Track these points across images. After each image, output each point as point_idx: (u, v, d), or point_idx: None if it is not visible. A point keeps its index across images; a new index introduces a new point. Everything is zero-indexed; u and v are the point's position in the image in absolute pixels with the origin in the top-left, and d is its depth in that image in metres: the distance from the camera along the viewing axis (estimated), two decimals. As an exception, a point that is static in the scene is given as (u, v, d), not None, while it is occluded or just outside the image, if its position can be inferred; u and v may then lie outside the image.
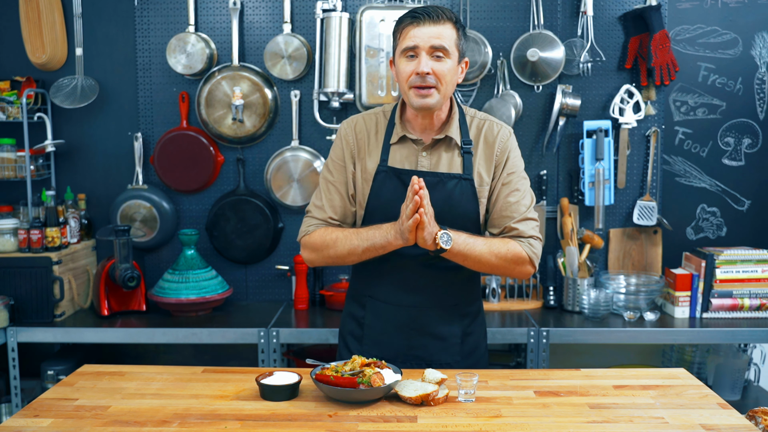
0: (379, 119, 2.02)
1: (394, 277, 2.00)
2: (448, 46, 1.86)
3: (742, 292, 2.95)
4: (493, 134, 1.98)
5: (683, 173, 3.22)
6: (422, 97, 1.86)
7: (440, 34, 1.85)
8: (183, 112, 3.17)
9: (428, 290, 2.00)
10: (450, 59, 1.87)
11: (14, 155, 3.07)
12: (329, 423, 1.61)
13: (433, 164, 1.96)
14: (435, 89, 1.86)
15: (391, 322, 2.02)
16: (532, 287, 3.13)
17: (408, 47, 1.86)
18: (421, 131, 1.97)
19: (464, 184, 1.94)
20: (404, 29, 1.88)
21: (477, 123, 2.00)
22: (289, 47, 3.08)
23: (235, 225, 3.15)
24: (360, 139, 2.01)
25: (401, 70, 1.89)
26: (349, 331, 2.12)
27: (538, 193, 3.18)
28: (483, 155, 1.97)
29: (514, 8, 3.12)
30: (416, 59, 1.86)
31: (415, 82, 1.85)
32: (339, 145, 2.03)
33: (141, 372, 1.96)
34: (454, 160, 1.96)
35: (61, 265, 2.93)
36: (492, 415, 1.65)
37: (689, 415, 1.66)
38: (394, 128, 1.98)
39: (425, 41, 1.84)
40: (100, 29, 3.18)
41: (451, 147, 1.97)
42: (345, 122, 2.05)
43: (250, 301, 3.29)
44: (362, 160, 1.99)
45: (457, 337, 2.04)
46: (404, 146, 1.97)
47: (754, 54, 3.15)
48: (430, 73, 1.84)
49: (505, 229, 1.96)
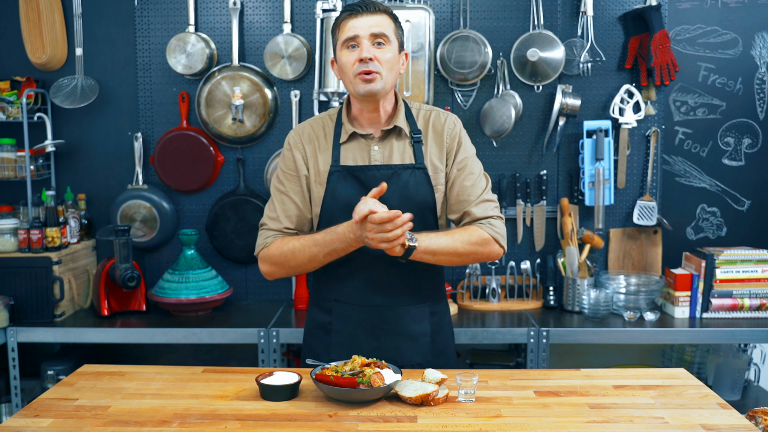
0: (326, 122, 2.03)
1: (360, 276, 1.97)
2: (387, 33, 1.89)
3: (742, 292, 2.95)
4: (441, 122, 2.01)
5: (683, 173, 3.22)
6: (367, 83, 1.87)
7: (378, 23, 1.89)
8: (183, 112, 3.17)
9: (397, 287, 1.97)
10: (390, 46, 1.90)
11: (14, 155, 3.07)
12: (329, 423, 1.61)
13: (386, 157, 1.96)
14: (378, 74, 1.88)
15: (360, 324, 1.99)
16: (532, 287, 3.13)
17: (349, 37, 1.88)
18: (369, 125, 1.98)
19: (418, 173, 1.96)
20: (342, 22, 1.91)
21: (423, 114, 2.03)
22: (289, 47, 3.08)
23: (235, 225, 3.15)
24: (309, 144, 2.01)
25: (344, 61, 1.90)
26: (315, 339, 2.07)
27: (538, 193, 3.19)
28: (434, 144, 1.99)
29: (514, 8, 3.12)
30: (358, 48, 1.88)
31: (358, 69, 1.87)
32: (288, 154, 2.02)
33: (141, 372, 1.96)
34: (405, 151, 1.97)
35: (61, 265, 2.93)
36: (492, 415, 1.65)
37: (689, 415, 1.66)
38: (342, 127, 1.99)
39: (365, 29, 1.87)
40: (100, 29, 3.18)
41: (401, 137, 1.98)
42: (292, 131, 2.06)
43: (250, 301, 3.29)
44: (314, 164, 1.99)
45: (428, 335, 2.03)
46: (355, 144, 1.98)
47: (754, 54, 3.15)
48: (372, 59, 1.86)
49: (464, 213, 1.97)
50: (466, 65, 3.04)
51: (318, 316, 2.07)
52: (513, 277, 3.14)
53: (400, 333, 2.00)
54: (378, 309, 1.98)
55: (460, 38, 3.04)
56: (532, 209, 3.19)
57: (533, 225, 3.19)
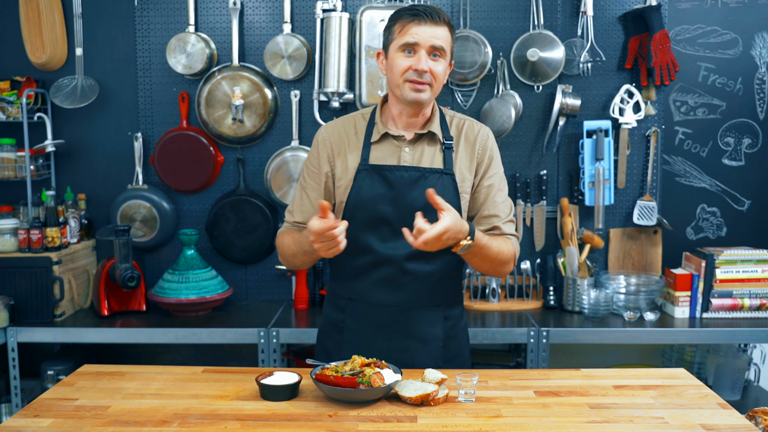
0: (358, 121, 2.04)
1: (375, 275, 1.98)
2: (445, 47, 1.90)
3: (742, 292, 2.95)
4: (473, 133, 2.02)
5: (683, 173, 3.22)
6: (417, 92, 1.89)
7: (439, 35, 1.88)
8: (183, 112, 3.17)
9: (410, 289, 1.98)
10: (444, 60, 1.91)
11: (14, 155, 3.07)
12: (329, 423, 1.61)
13: (416, 159, 1.97)
14: (429, 86, 1.89)
15: (372, 323, 2.00)
16: (532, 287, 3.13)
17: (408, 43, 1.87)
18: (404, 128, 1.99)
19: (446, 179, 1.96)
20: (405, 25, 1.89)
21: (457, 122, 2.04)
22: (289, 47, 3.08)
23: (235, 225, 3.15)
24: (337, 141, 2.01)
25: (397, 63, 1.90)
26: (327, 338, 2.10)
27: (538, 193, 3.19)
28: (464, 152, 2.00)
29: (514, 8, 3.12)
30: (414, 55, 1.88)
31: (411, 76, 1.88)
32: (315, 150, 2.04)
33: (141, 372, 1.96)
34: (435, 156, 1.98)
35: (61, 265, 2.93)
36: (492, 415, 1.65)
37: (689, 415, 1.66)
38: (375, 127, 2.00)
39: (426, 40, 1.87)
40: (100, 29, 3.18)
41: (433, 143, 1.99)
42: (323, 127, 2.07)
43: (250, 301, 3.29)
44: (342, 161, 1.99)
45: (440, 340, 2.03)
46: (385, 144, 1.98)
47: (754, 54, 3.15)
48: (427, 71, 1.87)
49: (494, 228, 1.99)
50: (466, 65, 3.05)
51: (332, 314, 2.09)
52: (513, 277, 3.14)
53: (411, 335, 2.00)
54: (390, 309, 1.99)
55: (460, 38, 3.04)
56: (532, 209, 3.19)
57: (533, 225, 3.19)
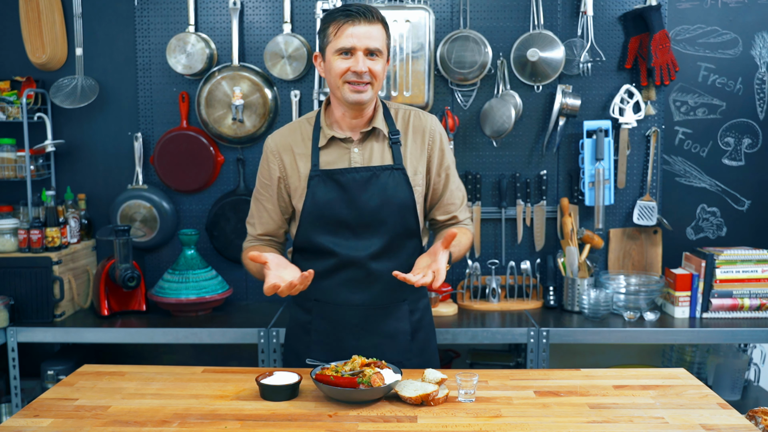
0: (303, 127, 2.05)
1: (340, 277, 2.00)
2: (381, 47, 1.91)
3: (742, 292, 2.95)
4: (421, 123, 2.04)
5: (683, 173, 3.22)
6: (358, 93, 1.90)
7: (373, 34, 1.89)
8: (183, 112, 3.17)
9: (376, 288, 2.00)
10: (381, 58, 1.92)
11: (14, 155, 3.07)
12: (329, 423, 1.61)
13: (366, 159, 1.98)
14: (370, 85, 1.91)
15: (339, 323, 2.03)
16: (532, 287, 3.13)
17: (344, 47, 1.88)
18: (349, 129, 2.00)
19: (397, 174, 1.98)
20: (340, 27, 1.89)
21: (402, 114, 2.05)
22: (289, 47, 3.08)
23: (235, 225, 3.15)
24: (286, 150, 2.02)
25: (335, 66, 1.91)
26: (296, 340, 2.11)
27: (538, 193, 3.19)
28: (413, 144, 2.02)
29: (514, 8, 3.12)
30: (351, 57, 1.89)
31: (350, 78, 1.89)
32: (264, 162, 2.06)
33: (141, 372, 1.96)
34: (385, 152, 2.00)
35: (61, 265, 2.93)
36: (492, 415, 1.65)
37: (689, 415, 1.66)
38: (321, 131, 2.00)
39: (362, 42, 1.88)
40: (100, 29, 3.18)
41: (381, 139, 2.01)
42: (269, 137, 2.08)
43: (250, 301, 3.29)
44: (293, 168, 2.01)
45: (407, 333, 2.06)
46: (334, 148, 2.00)
47: (754, 54, 3.15)
48: (366, 72, 1.89)
49: (452, 218, 2.10)
50: (466, 65, 3.04)
51: (298, 316, 2.11)
52: (513, 277, 3.14)
53: (379, 332, 2.03)
54: (357, 308, 2.01)
55: (460, 38, 3.04)
56: (532, 209, 3.19)
57: (533, 225, 3.19)
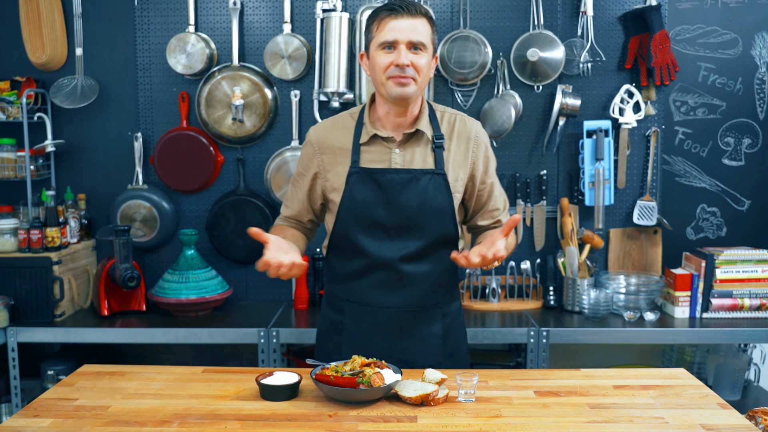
0: (346, 121, 2.02)
1: (371, 278, 1.98)
2: (425, 41, 1.87)
3: (742, 292, 2.95)
4: (466, 129, 2.01)
5: (683, 173, 3.22)
6: (401, 86, 1.86)
7: (418, 29, 1.86)
8: (183, 112, 3.17)
9: (407, 291, 1.98)
10: (426, 53, 1.89)
11: (14, 155, 3.07)
12: (329, 423, 1.61)
13: (407, 161, 1.95)
14: (413, 79, 1.87)
15: (371, 325, 2.00)
16: (532, 287, 3.13)
17: (387, 41, 1.86)
18: (393, 128, 1.97)
19: (437, 179, 1.95)
20: (382, 21, 1.87)
21: (448, 118, 2.02)
22: (289, 47, 3.08)
23: (235, 225, 3.15)
24: (327, 143, 2.00)
25: (378, 61, 1.88)
26: (326, 338, 2.10)
27: (538, 193, 3.19)
28: (457, 149, 1.99)
29: (514, 8, 3.12)
30: (394, 51, 1.86)
31: (393, 72, 1.86)
32: (304, 153, 2.05)
33: (141, 372, 1.96)
34: (427, 156, 1.97)
35: (61, 265, 2.93)
36: (492, 415, 1.65)
37: (689, 415, 1.66)
38: (363, 128, 1.98)
39: (404, 35, 1.85)
40: (100, 29, 3.18)
41: (424, 142, 1.97)
42: (311, 129, 2.06)
43: (250, 301, 3.28)
44: (333, 163, 1.99)
45: (439, 337, 2.03)
46: (375, 146, 1.97)
47: (754, 54, 3.15)
48: (409, 65, 1.85)
49: (497, 222, 2.10)
50: (466, 65, 3.04)
51: (330, 315, 2.09)
52: (513, 277, 3.14)
53: (411, 335, 2.01)
54: (389, 311, 1.99)
55: (460, 38, 3.04)
56: (532, 209, 3.19)
57: (533, 225, 3.19)
